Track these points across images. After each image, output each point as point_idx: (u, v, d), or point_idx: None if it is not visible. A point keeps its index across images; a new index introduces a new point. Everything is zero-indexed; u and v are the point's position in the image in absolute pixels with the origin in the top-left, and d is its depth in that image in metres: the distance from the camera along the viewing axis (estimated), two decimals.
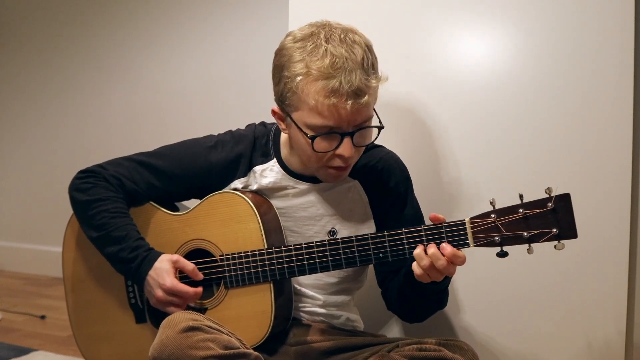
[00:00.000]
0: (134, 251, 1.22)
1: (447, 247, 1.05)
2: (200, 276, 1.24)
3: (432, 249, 1.06)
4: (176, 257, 1.23)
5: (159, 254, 1.23)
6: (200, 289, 1.22)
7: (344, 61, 1.06)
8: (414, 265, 1.08)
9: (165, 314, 1.15)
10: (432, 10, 1.47)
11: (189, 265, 1.23)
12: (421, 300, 1.21)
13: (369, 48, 1.12)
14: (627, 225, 1.32)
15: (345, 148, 1.12)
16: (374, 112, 1.15)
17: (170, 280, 1.19)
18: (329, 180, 1.22)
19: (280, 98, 1.15)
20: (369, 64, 1.09)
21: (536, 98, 1.38)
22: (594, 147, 1.33)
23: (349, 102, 1.06)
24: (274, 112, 1.20)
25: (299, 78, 1.08)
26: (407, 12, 1.50)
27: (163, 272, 1.19)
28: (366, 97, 1.07)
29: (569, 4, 1.34)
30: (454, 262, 1.06)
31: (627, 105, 1.30)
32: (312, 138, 1.11)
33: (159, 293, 1.20)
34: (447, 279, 1.15)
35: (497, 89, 1.41)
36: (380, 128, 1.16)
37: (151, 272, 1.20)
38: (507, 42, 1.41)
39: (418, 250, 1.07)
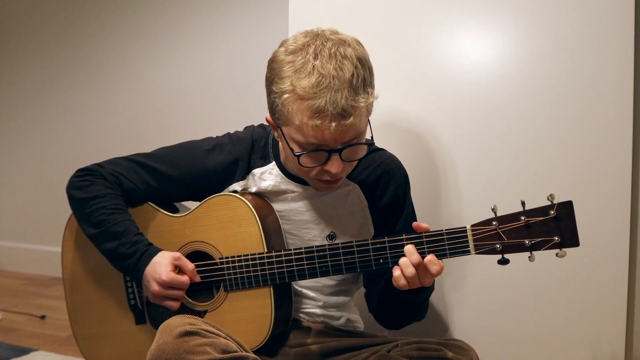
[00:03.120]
0: (133, 246, 1.21)
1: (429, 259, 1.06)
2: (198, 278, 1.23)
3: (402, 259, 1.07)
4: (178, 254, 1.22)
5: (158, 250, 1.23)
6: (195, 273, 1.22)
7: (330, 80, 1.03)
8: (397, 274, 1.09)
9: (165, 317, 1.15)
10: (433, 9, 1.47)
11: (189, 265, 1.22)
12: (398, 308, 1.23)
13: (361, 62, 1.07)
14: (627, 227, 1.32)
15: (333, 165, 1.10)
16: (365, 127, 1.12)
17: (166, 274, 1.18)
18: (320, 190, 1.22)
19: (271, 110, 1.15)
20: (358, 82, 1.05)
21: (536, 101, 1.37)
22: (594, 149, 1.33)
23: (333, 123, 1.03)
24: (267, 121, 1.19)
25: (285, 95, 1.07)
26: (407, 12, 1.49)
27: (161, 266, 1.19)
28: (351, 118, 1.04)
29: (569, 4, 1.34)
30: (430, 269, 1.06)
31: (627, 107, 1.30)
32: (298, 155, 1.10)
33: (155, 287, 1.18)
34: (426, 292, 1.16)
35: (497, 93, 1.41)
36: (369, 144, 1.13)
37: (149, 267, 1.20)
38: (508, 46, 1.40)
39: (403, 259, 1.08)
